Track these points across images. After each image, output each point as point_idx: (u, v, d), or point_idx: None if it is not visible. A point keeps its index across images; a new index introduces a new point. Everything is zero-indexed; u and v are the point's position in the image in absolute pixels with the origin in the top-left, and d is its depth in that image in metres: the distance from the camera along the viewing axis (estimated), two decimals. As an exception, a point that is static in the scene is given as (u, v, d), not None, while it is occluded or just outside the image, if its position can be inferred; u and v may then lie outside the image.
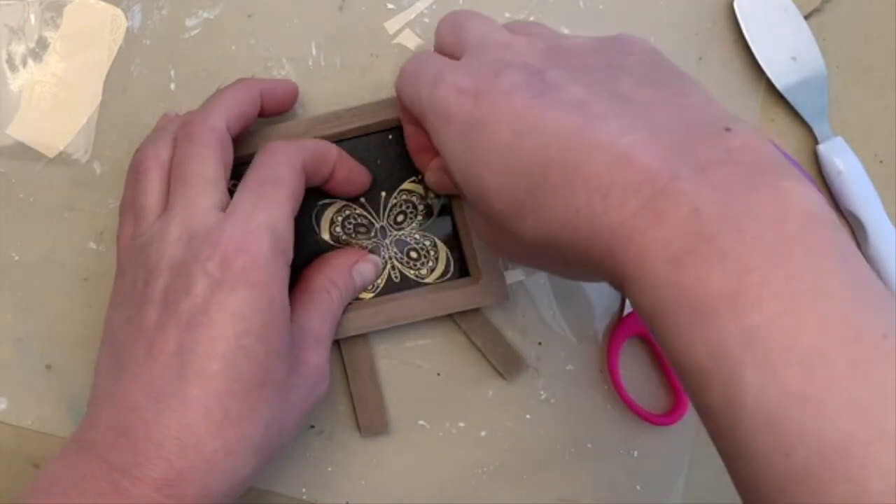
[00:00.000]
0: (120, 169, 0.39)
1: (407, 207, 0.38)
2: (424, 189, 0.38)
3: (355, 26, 0.40)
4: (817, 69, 0.40)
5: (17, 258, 0.39)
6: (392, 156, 0.38)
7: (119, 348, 0.31)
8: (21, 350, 0.39)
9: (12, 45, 0.40)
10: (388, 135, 0.38)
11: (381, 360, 0.39)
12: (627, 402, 0.38)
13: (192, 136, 0.33)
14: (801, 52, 0.40)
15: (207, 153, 0.33)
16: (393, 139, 0.38)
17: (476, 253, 0.37)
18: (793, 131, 0.40)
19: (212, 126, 0.34)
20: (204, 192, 0.32)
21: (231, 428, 0.29)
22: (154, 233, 0.32)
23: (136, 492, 0.28)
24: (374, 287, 0.38)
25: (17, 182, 0.39)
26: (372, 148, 0.38)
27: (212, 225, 0.31)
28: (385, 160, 0.38)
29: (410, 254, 0.38)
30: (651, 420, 0.38)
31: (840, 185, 0.39)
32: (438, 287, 0.38)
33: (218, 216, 0.32)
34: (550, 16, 0.40)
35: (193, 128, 0.34)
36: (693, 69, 0.40)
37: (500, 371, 0.39)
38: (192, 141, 0.33)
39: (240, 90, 0.36)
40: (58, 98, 0.40)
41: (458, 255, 0.38)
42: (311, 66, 0.40)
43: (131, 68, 0.40)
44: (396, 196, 0.38)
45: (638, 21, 0.40)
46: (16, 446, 0.39)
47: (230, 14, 0.40)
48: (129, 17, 0.40)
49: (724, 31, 0.40)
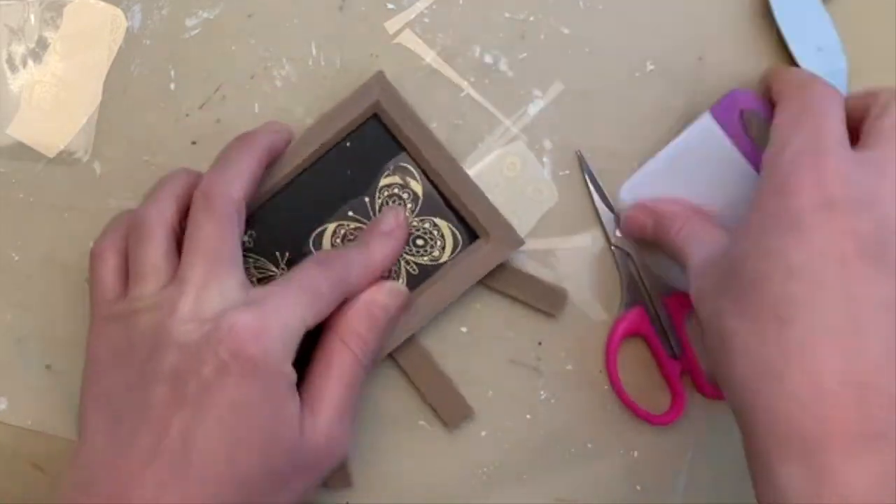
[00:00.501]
0: (120, 169, 0.39)
1: (393, 201, 0.38)
2: (401, 177, 0.38)
3: (355, 26, 0.40)
4: (839, 61, 0.39)
5: (17, 258, 0.39)
6: (358, 161, 0.38)
7: (121, 416, 0.31)
8: (21, 350, 0.39)
9: (12, 45, 0.40)
10: (346, 142, 0.38)
11: (382, 361, 0.39)
12: (625, 402, 0.38)
13: (213, 209, 0.33)
14: (825, 42, 0.40)
15: (230, 230, 0.33)
16: (351, 145, 0.38)
17: (476, 215, 0.37)
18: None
19: (233, 199, 0.33)
20: (223, 273, 0.32)
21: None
22: (161, 302, 0.31)
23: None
24: None
25: (17, 182, 0.39)
26: (336, 162, 0.38)
27: (230, 309, 0.31)
28: (354, 168, 0.38)
29: (417, 242, 0.38)
30: (649, 420, 0.38)
31: None
32: (455, 262, 0.38)
33: (236, 300, 0.31)
34: (550, 16, 0.40)
35: (215, 200, 0.33)
36: (693, 69, 0.40)
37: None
38: (214, 214, 0.33)
39: (253, 153, 0.35)
40: (58, 98, 0.40)
41: (461, 224, 0.38)
42: (311, 66, 0.40)
43: (131, 68, 0.40)
44: (379, 196, 0.38)
45: (637, 21, 0.40)
46: (16, 446, 0.39)
47: (230, 14, 0.40)
48: (129, 17, 0.40)
49: (725, 30, 0.40)
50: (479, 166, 0.39)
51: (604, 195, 0.39)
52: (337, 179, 0.38)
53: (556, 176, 0.39)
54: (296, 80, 0.40)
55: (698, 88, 0.40)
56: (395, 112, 0.37)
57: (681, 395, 0.38)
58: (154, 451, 0.29)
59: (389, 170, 0.38)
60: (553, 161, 0.39)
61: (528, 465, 0.39)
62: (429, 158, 0.37)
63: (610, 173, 0.39)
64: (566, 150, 0.40)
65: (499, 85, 0.39)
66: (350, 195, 0.38)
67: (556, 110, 0.40)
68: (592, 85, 0.40)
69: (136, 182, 0.39)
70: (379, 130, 0.38)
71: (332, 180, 0.38)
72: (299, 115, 0.39)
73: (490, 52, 0.40)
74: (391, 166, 0.38)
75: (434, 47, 0.40)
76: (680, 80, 0.40)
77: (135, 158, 0.39)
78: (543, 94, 0.40)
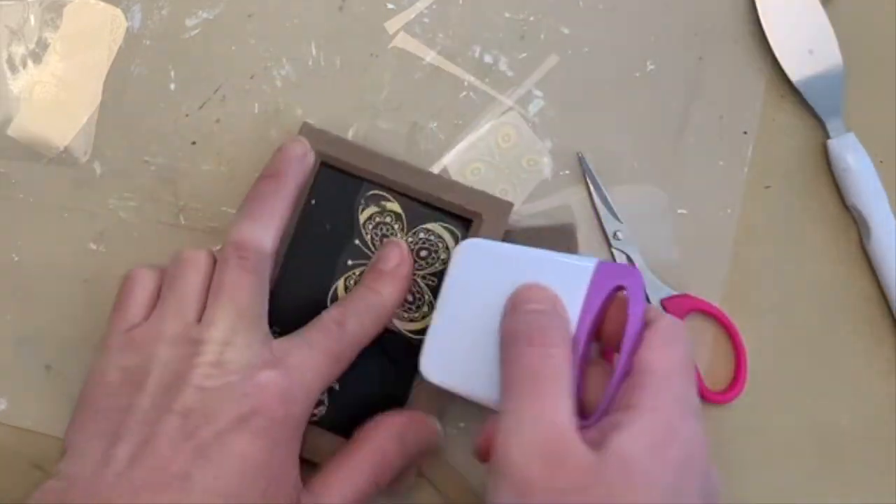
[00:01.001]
0: (120, 169, 0.39)
1: (381, 228, 0.38)
2: (376, 205, 0.38)
3: (355, 26, 0.40)
4: (834, 63, 0.40)
5: (17, 258, 0.39)
6: (331, 213, 0.38)
7: (120, 437, 0.30)
8: (21, 350, 0.39)
9: (12, 45, 0.40)
10: (312, 202, 0.38)
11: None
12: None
13: (246, 263, 0.33)
14: (818, 44, 0.39)
15: (259, 285, 0.33)
16: (318, 202, 0.38)
17: (458, 203, 0.37)
18: (801, 125, 0.40)
19: (266, 253, 0.33)
20: (251, 327, 0.32)
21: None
22: (187, 341, 0.32)
23: None
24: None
25: (17, 182, 0.39)
26: (313, 225, 0.38)
27: (257, 366, 0.31)
28: (331, 221, 0.38)
29: (420, 254, 0.38)
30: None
31: (848, 180, 0.39)
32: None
33: (260, 356, 0.31)
34: (550, 16, 0.40)
35: (248, 254, 0.33)
36: (693, 69, 0.40)
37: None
38: (246, 267, 0.33)
39: (285, 198, 0.35)
40: (58, 98, 0.40)
41: (450, 218, 0.38)
42: (311, 66, 0.40)
43: (131, 68, 0.40)
44: (366, 232, 0.38)
45: (637, 21, 0.40)
46: (16, 447, 0.39)
47: (230, 14, 0.40)
48: (129, 17, 0.40)
49: (725, 30, 0.40)
50: (472, 137, 0.39)
51: (604, 197, 0.39)
52: (322, 240, 0.38)
53: (557, 176, 0.39)
54: (296, 80, 0.40)
55: (698, 88, 0.40)
56: (338, 151, 0.37)
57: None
58: (152, 479, 0.29)
59: (362, 204, 0.38)
60: (553, 161, 0.39)
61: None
62: (389, 176, 0.37)
63: (610, 173, 0.39)
64: (566, 150, 0.39)
65: (499, 85, 0.39)
66: (341, 247, 0.38)
67: (555, 110, 0.40)
68: (592, 85, 0.40)
69: (136, 182, 0.39)
70: (334, 175, 0.38)
71: (319, 244, 0.38)
72: (299, 116, 0.39)
73: (490, 52, 0.40)
74: (362, 200, 0.38)
75: (434, 47, 0.40)
76: (680, 80, 0.40)
77: (135, 158, 0.39)
78: (543, 94, 0.40)
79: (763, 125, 0.40)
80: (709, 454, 0.29)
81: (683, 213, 0.40)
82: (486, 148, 0.39)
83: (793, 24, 0.40)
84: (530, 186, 0.39)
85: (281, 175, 0.36)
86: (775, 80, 0.40)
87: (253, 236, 0.33)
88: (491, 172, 0.39)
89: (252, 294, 0.33)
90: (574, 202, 0.39)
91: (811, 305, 0.39)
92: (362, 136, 0.39)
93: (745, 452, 0.38)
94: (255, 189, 0.35)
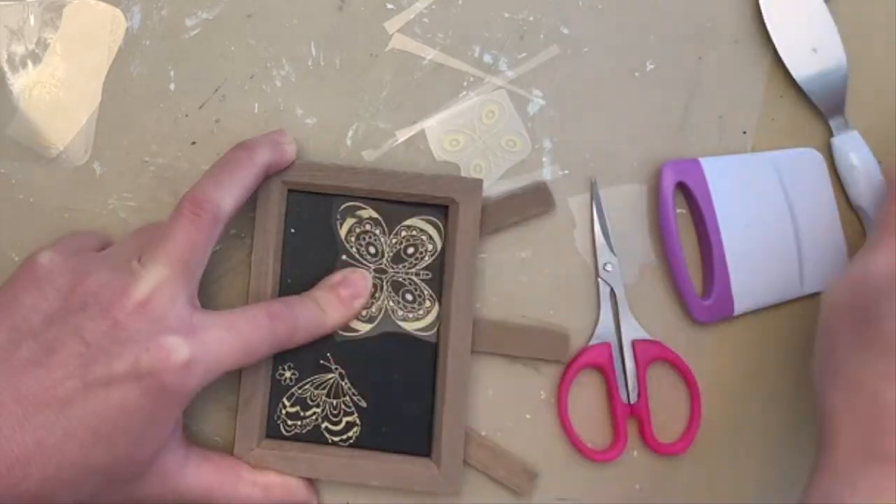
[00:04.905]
0: (120, 169, 0.39)
1: (365, 238, 0.38)
2: (353, 216, 0.38)
3: (355, 26, 0.40)
4: (838, 61, 0.40)
5: (17, 258, 0.39)
6: (312, 237, 0.38)
7: (20, 343, 0.31)
8: (21, 350, 0.39)
9: (12, 46, 0.40)
10: (291, 230, 0.38)
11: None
12: (569, 432, 0.38)
13: (199, 217, 0.33)
14: (822, 43, 0.39)
15: (204, 244, 0.33)
16: (297, 230, 0.38)
17: (429, 193, 0.37)
18: (801, 125, 0.40)
19: (221, 213, 0.34)
20: (182, 282, 0.33)
21: (63, 487, 0.30)
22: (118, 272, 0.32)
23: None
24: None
25: (17, 182, 0.39)
26: (299, 253, 0.38)
27: (170, 329, 0.31)
28: (313, 244, 0.38)
29: (408, 251, 0.38)
30: (584, 452, 0.38)
31: (851, 179, 0.39)
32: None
33: (180, 316, 0.32)
34: (550, 16, 0.40)
35: (203, 209, 0.33)
36: (693, 69, 0.40)
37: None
38: (196, 222, 0.33)
39: (251, 168, 0.35)
40: (58, 98, 0.40)
41: (425, 208, 0.38)
42: (311, 66, 0.40)
43: (131, 68, 0.40)
44: (349, 244, 0.38)
45: (636, 21, 0.40)
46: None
47: (230, 14, 0.40)
48: (128, 17, 0.40)
49: (725, 30, 0.40)
50: (456, 108, 0.39)
51: (605, 227, 0.39)
52: (310, 266, 0.38)
53: (556, 176, 0.39)
54: (296, 80, 0.40)
55: (698, 88, 0.40)
56: (299, 175, 0.37)
57: (622, 440, 0.38)
58: (38, 392, 0.30)
59: (339, 219, 0.38)
60: (553, 161, 0.39)
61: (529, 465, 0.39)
62: (354, 186, 0.37)
63: (610, 173, 0.39)
64: (566, 150, 0.39)
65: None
66: (331, 266, 0.38)
67: (555, 110, 0.40)
68: (592, 85, 0.40)
69: (136, 182, 0.39)
70: (304, 198, 0.38)
71: (307, 270, 0.38)
72: (299, 115, 0.39)
73: (490, 52, 0.40)
74: (338, 215, 0.38)
75: (434, 47, 0.40)
76: (680, 80, 0.40)
77: (135, 158, 0.39)
78: (543, 94, 0.40)
79: (763, 125, 0.40)
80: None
81: (683, 213, 0.40)
82: (468, 121, 0.39)
83: (796, 23, 0.39)
84: (504, 167, 0.39)
85: (255, 147, 0.36)
86: (775, 79, 0.40)
87: (212, 197, 0.34)
88: (469, 147, 0.39)
89: (194, 251, 0.33)
90: (574, 208, 0.39)
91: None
92: (362, 136, 0.40)
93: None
94: (225, 156, 0.36)
